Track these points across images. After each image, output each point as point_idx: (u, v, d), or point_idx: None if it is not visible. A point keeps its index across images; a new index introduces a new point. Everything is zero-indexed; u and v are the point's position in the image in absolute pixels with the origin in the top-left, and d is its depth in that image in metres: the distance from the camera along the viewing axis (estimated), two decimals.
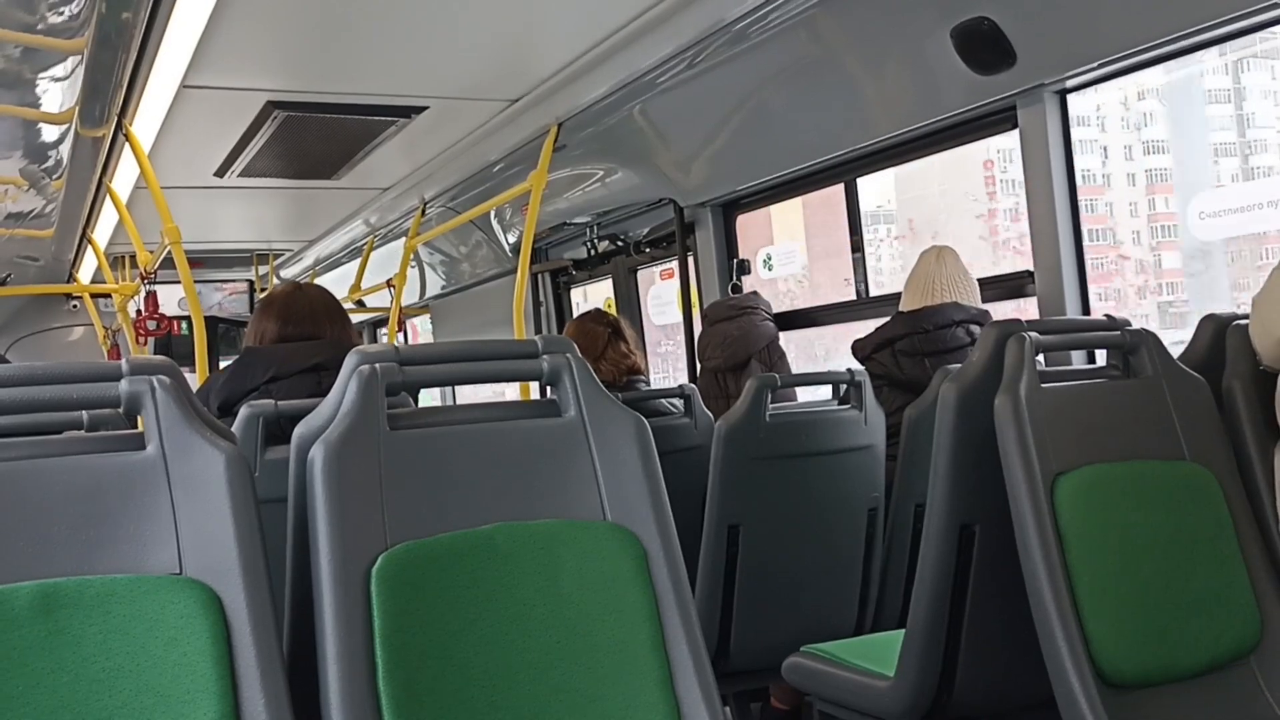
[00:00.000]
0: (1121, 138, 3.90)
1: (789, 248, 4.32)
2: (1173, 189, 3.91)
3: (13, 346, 7.32)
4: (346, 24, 3.01)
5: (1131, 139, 3.90)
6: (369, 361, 1.46)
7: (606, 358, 3.43)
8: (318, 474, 1.38)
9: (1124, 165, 3.94)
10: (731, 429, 2.64)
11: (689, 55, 3.14)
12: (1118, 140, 3.91)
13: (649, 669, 1.46)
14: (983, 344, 1.96)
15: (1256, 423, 1.98)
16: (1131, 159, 3.93)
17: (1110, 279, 3.81)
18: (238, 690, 1.26)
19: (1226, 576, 1.87)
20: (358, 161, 4.47)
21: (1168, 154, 3.93)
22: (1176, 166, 3.94)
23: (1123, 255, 3.97)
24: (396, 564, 1.38)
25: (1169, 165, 3.95)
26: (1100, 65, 2.58)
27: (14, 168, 3.67)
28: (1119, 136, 3.90)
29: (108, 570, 1.28)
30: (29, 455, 1.30)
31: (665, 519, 1.54)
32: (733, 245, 4.27)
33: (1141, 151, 3.93)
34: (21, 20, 2.38)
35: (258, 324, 2.39)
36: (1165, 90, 3.58)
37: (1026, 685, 1.92)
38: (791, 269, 4.34)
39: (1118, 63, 2.56)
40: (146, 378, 1.33)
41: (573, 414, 1.55)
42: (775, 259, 4.30)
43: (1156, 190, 3.97)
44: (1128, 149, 3.92)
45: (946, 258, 3.09)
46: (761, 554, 2.69)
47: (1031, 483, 1.78)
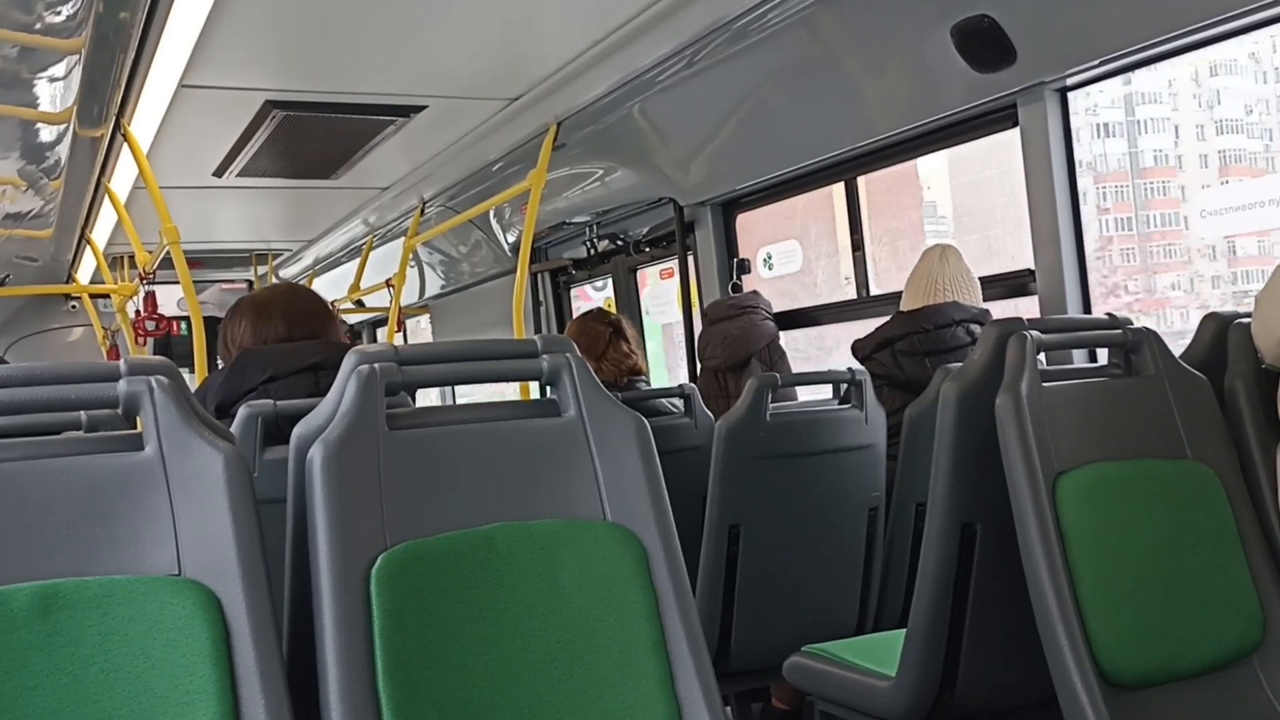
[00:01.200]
0: (1194, 116, 3.64)
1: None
2: (1249, 172, 3.63)
3: (11, 347, 7.31)
4: (345, 23, 3.00)
5: (1204, 118, 3.66)
6: (368, 361, 1.45)
7: (608, 357, 3.43)
8: (317, 474, 1.37)
9: (1196, 146, 3.68)
10: (732, 428, 2.63)
11: (688, 54, 3.14)
12: (1189, 119, 3.64)
13: (649, 669, 1.46)
14: (983, 343, 1.96)
15: (1258, 421, 1.97)
16: (1204, 139, 3.68)
17: (1179, 268, 3.64)
18: (237, 691, 1.26)
19: (1228, 575, 1.87)
20: (356, 161, 4.47)
21: (1242, 133, 3.63)
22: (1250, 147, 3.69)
23: (1189, 244, 3.69)
24: (396, 564, 1.38)
25: (1244, 145, 3.65)
26: (1101, 63, 2.57)
27: (12, 168, 3.67)
28: (1192, 115, 3.63)
29: (106, 571, 1.27)
30: (28, 456, 1.29)
31: (665, 519, 1.53)
32: (733, 244, 4.27)
33: (1214, 131, 3.72)
34: (19, 20, 2.37)
35: (255, 326, 2.36)
36: (1239, 65, 3.36)
37: (1028, 685, 1.91)
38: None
39: (1119, 60, 2.56)
40: (145, 378, 1.33)
41: (572, 414, 1.55)
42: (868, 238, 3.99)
43: (1231, 172, 3.69)
44: (1199, 129, 3.67)
45: (950, 257, 3.09)
46: (762, 554, 2.68)
47: (1033, 482, 1.78)
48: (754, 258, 4.32)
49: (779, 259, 4.29)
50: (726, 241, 4.26)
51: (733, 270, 4.24)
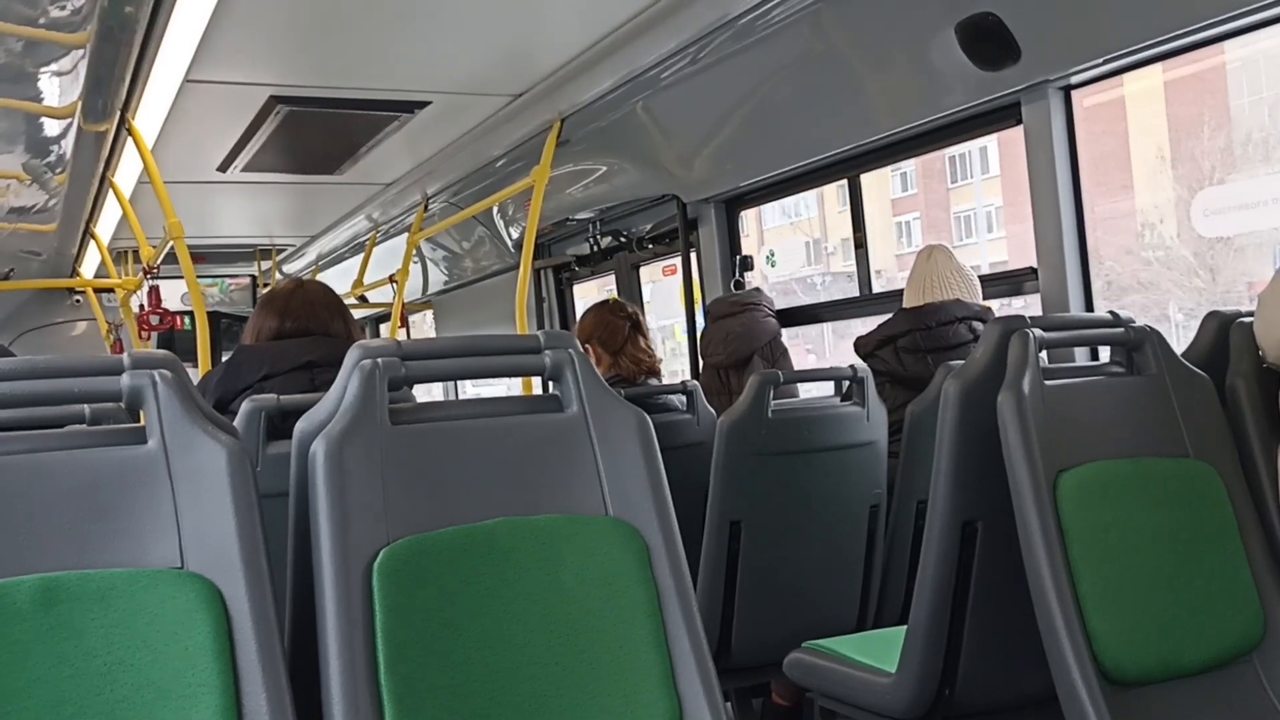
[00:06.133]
0: None
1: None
2: None
3: (16, 341, 7.32)
4: (349, 19, 3.00)
5: None
6: (371, 356, 1.46)
7: (626, 353, 3.36)
8: (319, 468, 1.38)
9: None
10: (734, 425, 2.64)
11: (692, 51, 3.14)
12: None
13: (650, 664, 1.46)
14: (985, 340, 1.96)
15: (1260, 420, 1.97)
16: None
17: None
18: (239, 684, 1.26)
19: (1229, 574, 1.87)
20: (360, 156, 4.47)
21: None
22: None
23: None
24: (398, 559, 1.38)
25: None
26: (1105, 61, 2.57)
27: (17, 162, 3.68)
28: None
29: (109, 564, 1.28)
30: (31, 449, 1.30)
31: (667, 514, 1.54)
32: (735, 241, 4.27)
33: None
34: (24, 14, 2.38)
35: (257, 320, 2.39)
36: None
37: (1028, 682, 1.92)
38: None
39: (1123, 58, 2.56)
40: (148, 372, 1.33)
41: (575, 409, 1.55)
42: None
43: None
44: None
45: (936, 255, 3.10)
46: (763, 550, 2.68)
47: (1034, 479, 1.78)
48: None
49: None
50: (730, 238, 4.26)
51: (735, 267, 4.24)
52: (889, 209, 15.56)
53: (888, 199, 15.25)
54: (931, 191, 15.30)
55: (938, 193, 15.02)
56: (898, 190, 15.61)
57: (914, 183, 15.74)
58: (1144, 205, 6.15)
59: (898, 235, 16.01)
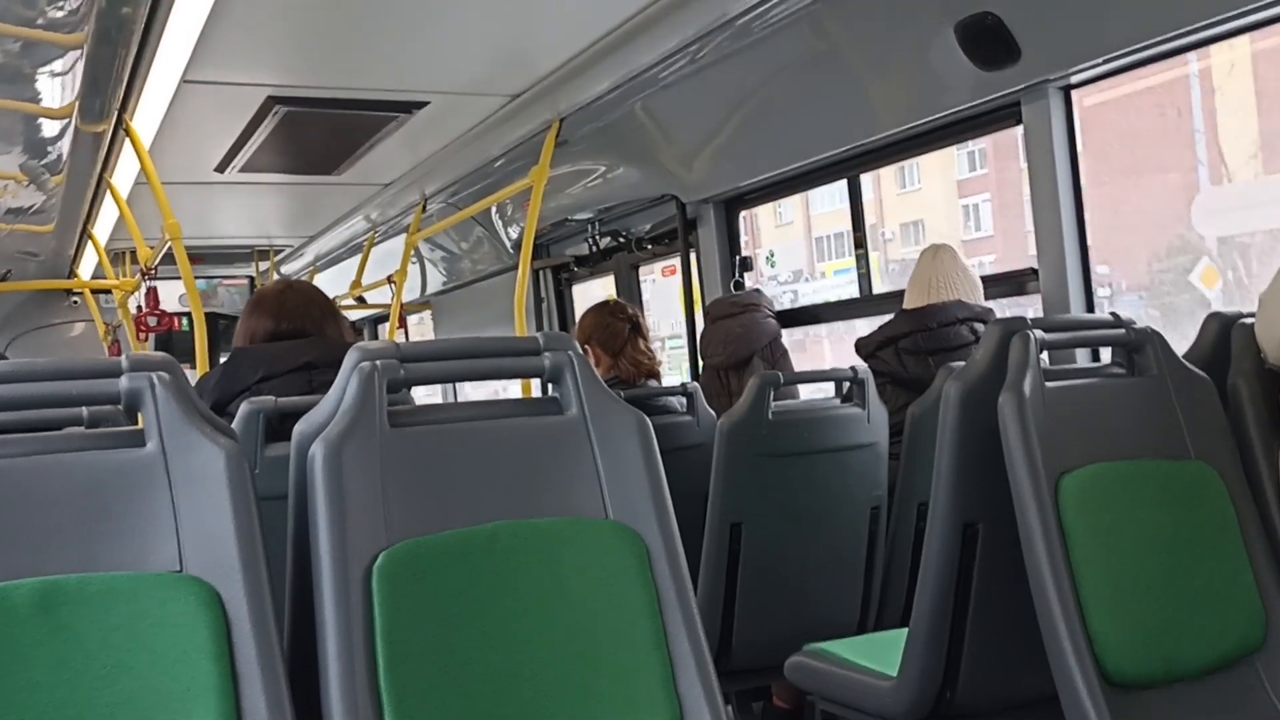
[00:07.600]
0: None
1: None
2: None
3: (13, 343, 7.32)
4: (347, 19, 3.00)
5: None
6: (370, 358, 1.45)
7: (626, 355, 3.36)
8: (318, 471, 1.37)
9: None
10: (734, 426, 2.63)
11: (691, 51, 3.13)
12: None
13: (651, 667, 1.45)
14: (986, 342, 1.95)
15: (1262, 421, 1.97)
16: None
17: None
18: (238, 687, 1.26)
19: (1231, 576, 1.86)
20: (359, 157, 4.46)
21: None
22: None
23: None
24: (397, 562, 1.37)
25: None
26: (1105, 61, 2.57)
27: (14, 163, 3.67)
28: None
29: (108, 567, 1.27)
30: (29, 452, 1.29)
31: (667, 517, 1.53)
32: (735, 242, 4.26)
33: None
34: (21, 15, 2.38)
35: (248, 322, 2.37)
36: None
37: (1030, 685, 1.91)
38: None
39: (1123, 58, 2.55)
40: (146, 374, 1.33)
41: (574, 411, 1.54)
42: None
43: None
44: None
45: (942, 256, 3.09)
46: (764, 552, 2.68)
47: (1035, 481, 1.77)
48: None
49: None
50: (729, 239, 4.25)
51: (735, 268, 4.24)
52: (954, 190, 13.90)
53: (953, 180, 13.59)
54: (1004, 171, 13.01)
55: (1011, 171, 12.35)
56: (964, 170, 13.66)
57: (984, 161, 13.59)
58: None
59: (964, 219, 14.06)
